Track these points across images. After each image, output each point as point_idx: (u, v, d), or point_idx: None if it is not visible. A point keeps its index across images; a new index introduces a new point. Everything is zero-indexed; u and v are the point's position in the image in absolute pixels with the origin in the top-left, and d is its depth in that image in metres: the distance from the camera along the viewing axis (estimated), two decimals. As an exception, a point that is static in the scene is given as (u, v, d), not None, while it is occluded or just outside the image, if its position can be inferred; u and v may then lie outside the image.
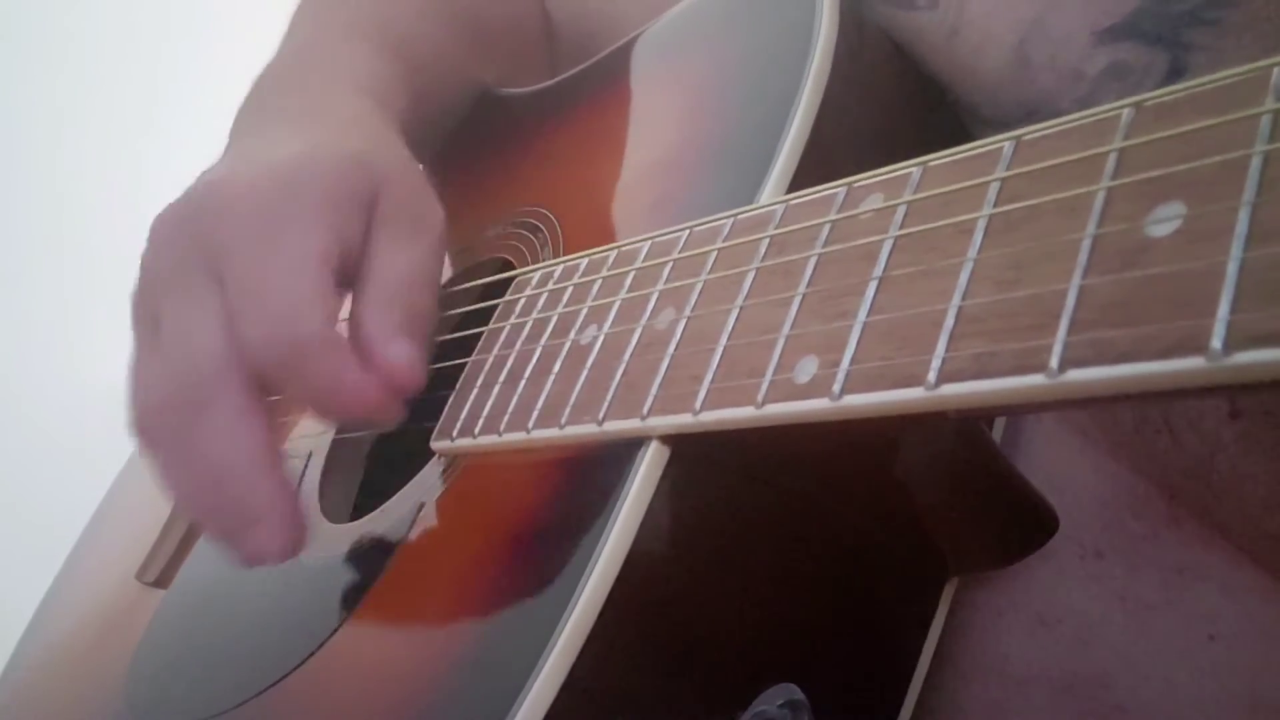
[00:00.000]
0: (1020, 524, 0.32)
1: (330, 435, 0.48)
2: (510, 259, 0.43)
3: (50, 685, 0.54)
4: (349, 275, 0.36)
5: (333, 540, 0.41)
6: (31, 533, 0.84)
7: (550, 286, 0.36)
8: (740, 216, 0.30)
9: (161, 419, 0.34)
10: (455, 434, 0.36)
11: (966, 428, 0.31)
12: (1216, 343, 0.17)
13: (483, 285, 0.43)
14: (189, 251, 0.35)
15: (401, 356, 0.34)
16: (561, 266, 0.37)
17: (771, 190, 0.32)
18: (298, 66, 0.48)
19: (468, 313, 0.45)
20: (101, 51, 1.24)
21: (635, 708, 0.28)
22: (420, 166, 0.40)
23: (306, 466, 0.47)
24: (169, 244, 0.36)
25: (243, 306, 0.33)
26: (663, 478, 0.28)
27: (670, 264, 0.31)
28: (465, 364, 0.38)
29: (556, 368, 0.33)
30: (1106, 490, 0.35)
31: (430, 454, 0.38)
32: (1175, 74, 0.31)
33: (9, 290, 1.15)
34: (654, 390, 0.29)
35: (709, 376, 0.27)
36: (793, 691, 0.28)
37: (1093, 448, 0.36)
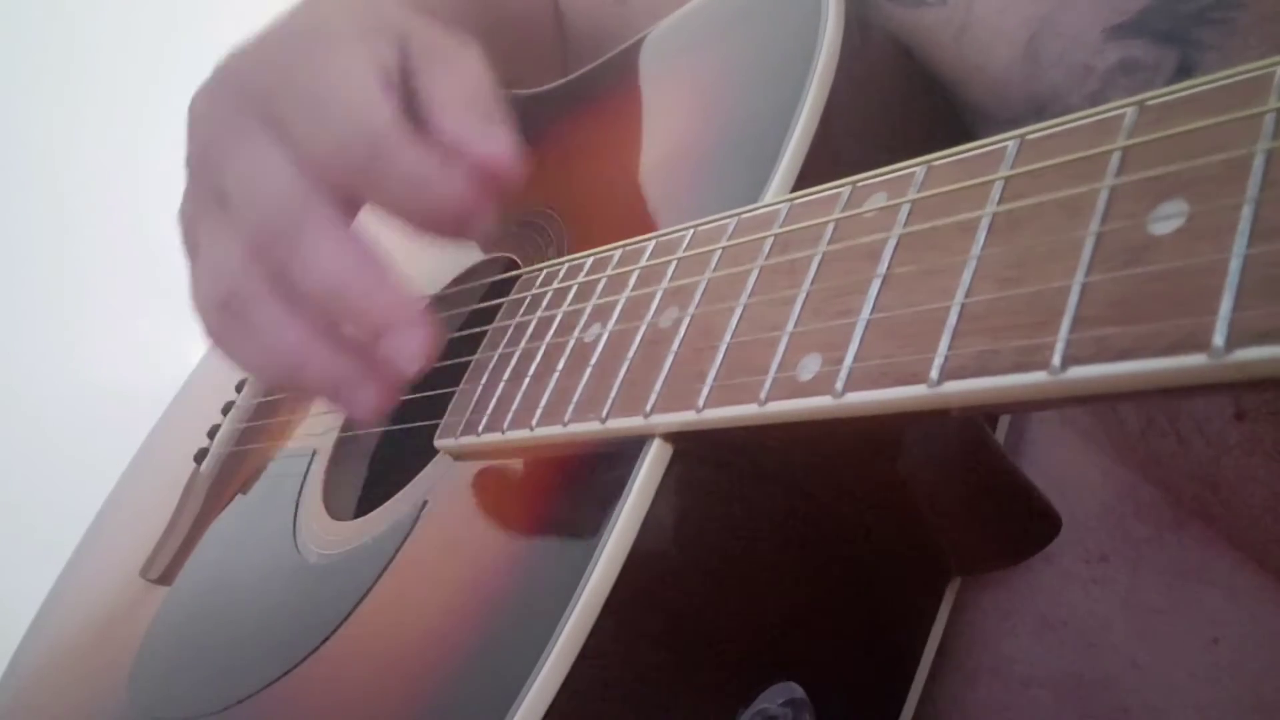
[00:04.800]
0: (1023, 524, 0.32)
1: (335, 434, 0.48)
2: (515, 257, 0.43)
3: (54, 683, 0.54)
4: (403, 107, 0.34)
5: (337, 538, 0.41)
6: (33, 532, 0.84)
7: (555, 285, 0.36)
8: (745, 215, 0.30)
9: (257, 270, 0.33)
10: (459, 432, 0.36)
11: (969, 427, 0.31)
12: (1219, 340, 0.17)
13: (487, 283, 0.43)
14: (235, 107, 0.34)
15: (502, 141, 0.32)
16: (566, 265, 0.37)
17: (776, 189, 0.32)
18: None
19: (472, 311, 0.45)
20: (102, 51, 1.24)
21: (637, 705, 0.28)
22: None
23: (310, 464, 0.48)
24: (211, 114, 0.35)
25: (307, 125, 0.32)
26: (665, 475, 0.28)
27: (674, 262, 0.31)
28: (469, 362, 0.39)
29: (560, 366, 0.33)
30: (1110, 493, 0.35)
31: (434, 452, 0.38)
32: (1184, 72, 0.31)
33: (9, 290, 1.15)
34: (657, 388, 0.29)
35: (712, 374, 0.27)
36: (794, 690, 0.28)
37: (1097, 450, 0.36)
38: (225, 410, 0.59)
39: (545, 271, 0.38)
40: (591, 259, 0.35)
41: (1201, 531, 0.34)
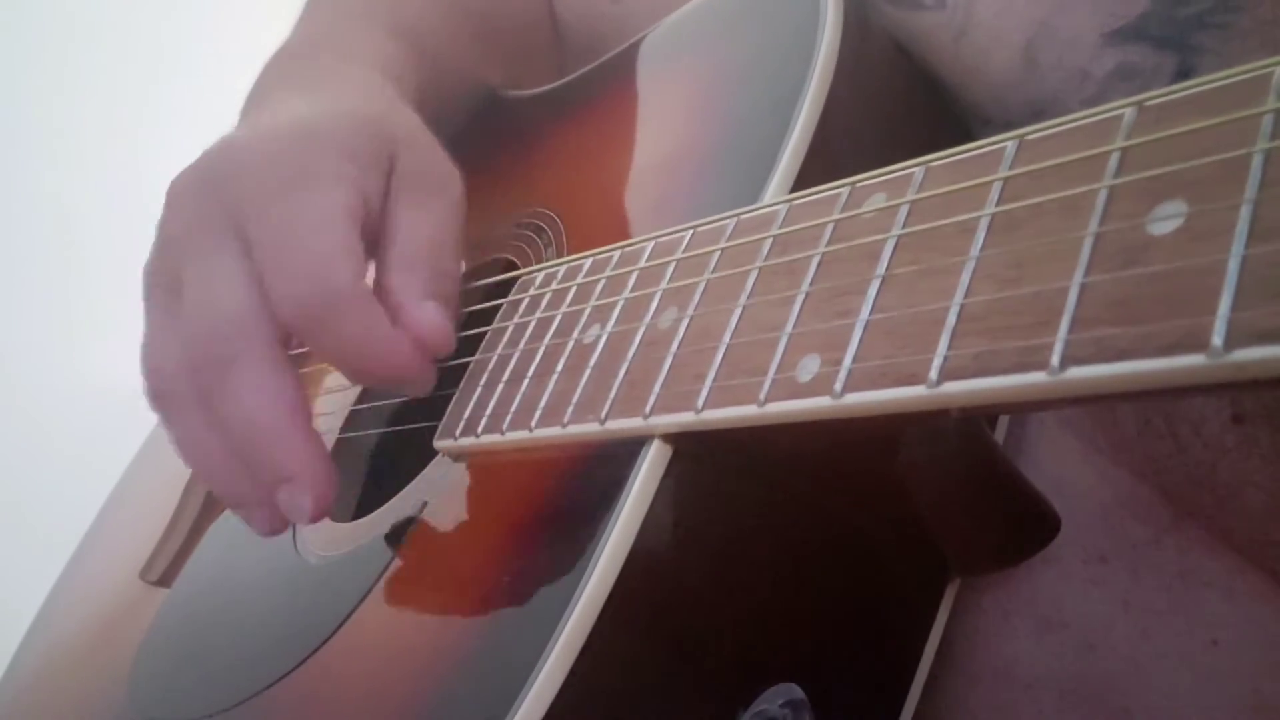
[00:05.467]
0: (1022, 524, 0.32)
1: (334, 435, 0.48)
2: (514, 259, 0.43)
3: (54, 684, 0.54)
4: (371, 239, 0.35)
5: (336, 539, 0.41)
6: (33, 532, 0.84)
7: (554, 286, 0.36)
8: (744, 216, 0.30)
9: (185, 378, 0.34)
10: (458, 433, 0.36)
11: (968, 427, 0.31)
12: (1217, 340, 0.17)
13: (487, 285, 0.43)
14: (210, 211, 0.35)
15: (432, 317, 0.34)
16: (565, 266, 0.37)
17: (775, 190, 0.32)
18: (310, 46, 0.48)
19: (472, 312, 0.45)
20: (102, 51, 1.24)
21: (636, 706, 0.28)
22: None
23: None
24: (189, 205, 0.35)
25: (272, 261, 0.33)
26: (665, 476, 0.28)
27: (673, 264, 0.31)
28: (469, 363, 0.39)
29: (560, 367, 0.33)
30: (1109, 495, 0.35)
31: (433, 453, 0.38)
32: (1183, 76, 0.32)
33: (9, 290, 1.15)
34: (656, 389, 0.29)
35: (711, 375, 0.27)
36: (794, 691, 0.28)
37: (1096, 452, 0.36)
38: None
39: (544, 273, 0.38)
40: (590, 260, 0.35)
41: (1199, 533, 0.34)
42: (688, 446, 0.29)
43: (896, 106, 0.38)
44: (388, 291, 0.34)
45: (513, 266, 0.43)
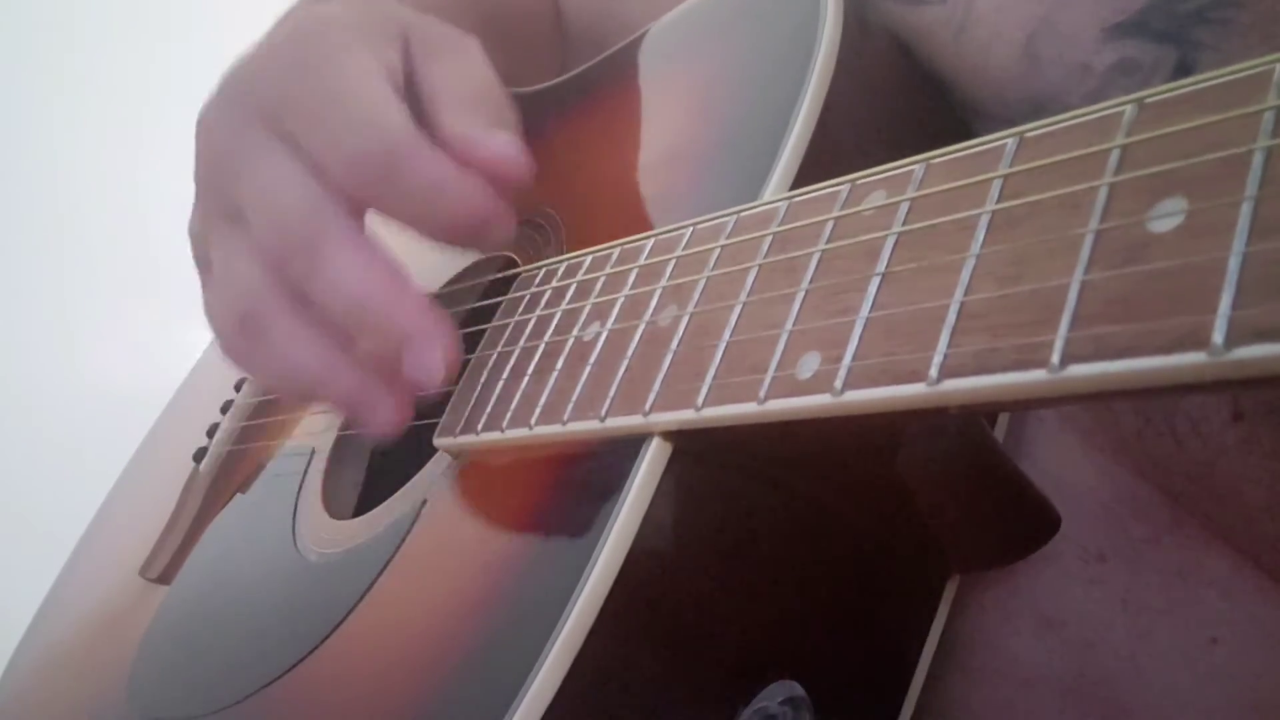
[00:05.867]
0: (1022, 522, 0.32)
1: (334, 432, 0.48)
2: (514, 256, 0.43)
3: (53, 682, 0.54)
4: (410, 105, 0.34)
5: (336, 536, 0.41)
6: (33, 531, 0.84)
7: (554, 283, 0.36)
8: (743, 214, 0.30)
9: (275, 287, 0.33)
10: (458, 431, 0.36)
11: (968, 425, 0.31)
12: (1218, 338, 0.17)
13: (486, 282, 0.43)
14: (244, 121, 0.34)
15: (505, 142, 0.33)
16: (565, 264, 0.37)
17: (775, 187, 0.32)
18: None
19: (471, 310, 0.45)
20: (102, 51, 1.24)
21: (636, 703, 0.28)
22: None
23: (310, 463, 0.47)
24: (221, 126, 0.35)
25: (322, 136, 0.32)
26: (665, 474, 0.28)
27: (673, 261, 0.31)
28: (468, 360, 0.39)
29: (559, 364, 0.33)
30: (1109, 493, 0.35)
31: (433, 451, 0.38)
32: (1183, 71, 0.31)
33: (9, 290, 1.15)
34: (656, 386, 0.29)
35: (711, 373, 0.27)
36: (794, 688, 0.28)
37: (1095, 450, 0.36)
38: (224, 409, 0.59)
39: (544, 270, 0.38)
40: (590, 257, 0.35)
41: (1199, 531, 0.34)
42: (688, 444, 0.29)
43: (896, 103, 0.38)
44: (451, 138, 0.33)
45: (512, 264, 0.43)
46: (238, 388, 0.59)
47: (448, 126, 0.33)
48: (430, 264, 0.49)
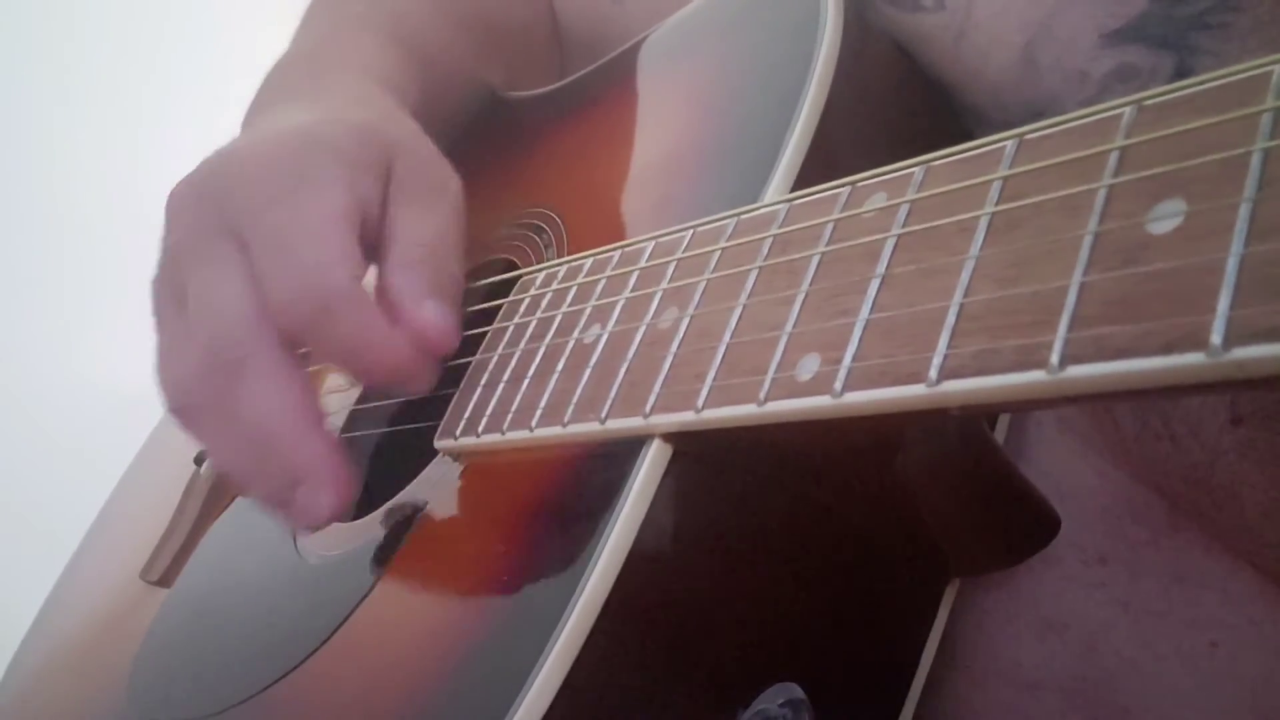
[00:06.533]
0: (1022, 524, 0.32)
1: (335, 435, 0.48)
2: (515, 259, 0.43)
3: (54, 684, 0.54)
4: (370, 243, 0.35)
5: (336, 538, 0.41)
6: (33, 532, 0.84)
7: (554, 286, 0.37)
8: (744, 216, 0.30)
9: (199, 388, 0.34)
10: (459, 433, 0.36)
11: (968, 427, 0.31)
12: (1216, 338, 0.17)
13: (487, 285, 0.43)
14: (208, 218, 0.35)
15: (431, 315, 0.34)
16: (565, 266, 0.37)
17: (775, 190, 0.32)
18: (309, 57, 0.48)
19: (472, 312, 0.45)
20: (102, 51, 1.24)
21: (636, 706, 0.28)
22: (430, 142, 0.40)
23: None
24: (188, 214, 0.36)
25: (270, 265, 0.33)
26: (665, 476, 0.28)
27: (674, 263, 0.31)
28: (469, 363, 0.39)
29: (560, 366, 0.33)
30: (1108, 496, 0.35)
31: (434, 452, 0.38)
32: (1181, 76, 0.31)
33: (9, 290, 1.15)
34: (657, 388, 0.29)
35: (711, 374, 0.27)
36: (793, 690, 0.28)
37: (1094, 453, 0.36)
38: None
39: (544, 273, 0.38)
40: (591, 260, 0.35)
41: (1197, 535, 0.34)
42: (688, 446, 0.29)
43: (896, 106, 0.38)
44: (389, 292, 0.35)
45: (513, 267, 0.43)
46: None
47: (391, 282, 0.35)
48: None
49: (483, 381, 0.37)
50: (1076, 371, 0.20)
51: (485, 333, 0.39)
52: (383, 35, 0.49)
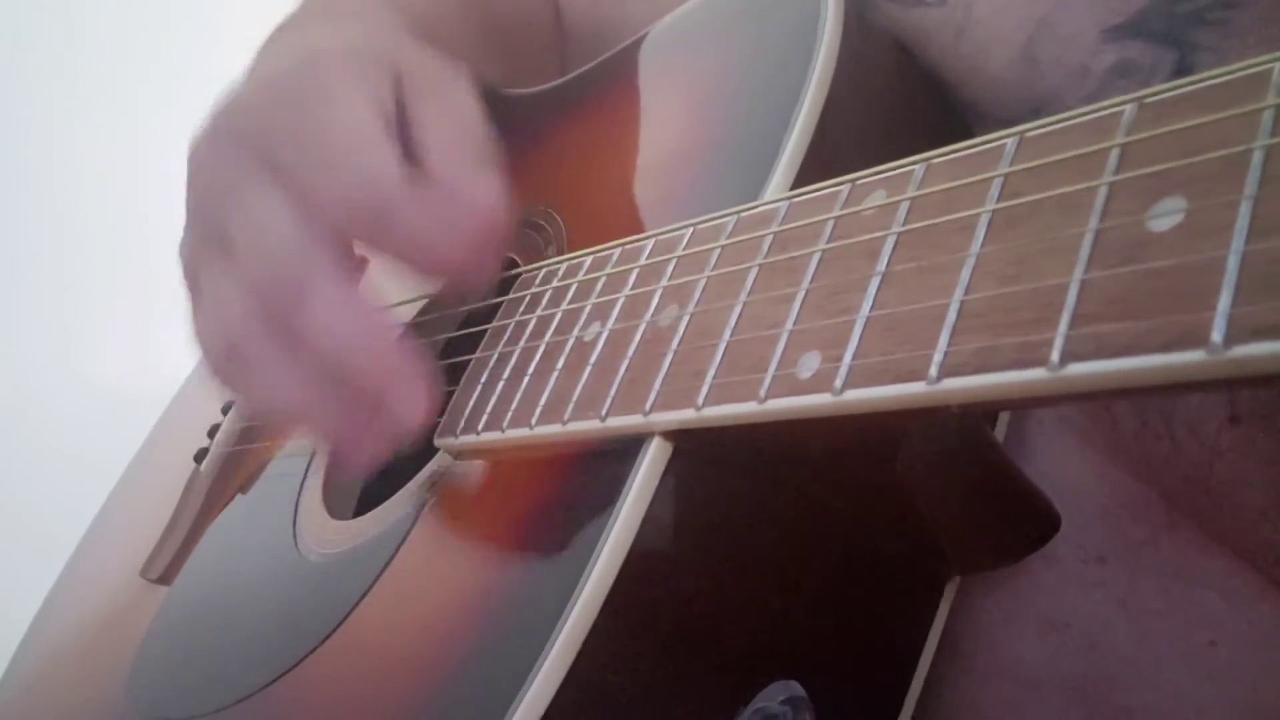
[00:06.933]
0: (1022, 523, 0.32)
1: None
2: (515, 257, 0.43)
3: (54, 683, 0.54)
4: (399, 144, 0.34)
5: (337, 537, 0.41)
6: (33, 532, 0.84)
7: (554, 284, 0.37)
8: (744, 214, 0.30)
9: (254, 327, 0.33)
10: (459, 431, 0.36)
11: (968, 424, 0.31)
12: (1217, 336, 0.17)
13: (487, 283, 0.43)
14: (235, 154, 0.34)
15: (491, 183, 0.33)
16: (565, 264, 0.37)
17: (775, 187, 0.32)
18: (309, 14, 0.48)
19: (472, 310, 0.45)
20: (102, 51, 1.24)
21: (636, 703, 0.28)
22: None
23: (310, 464, 0.48)
24: (212, 157, 0.35)
25: (318, 180, 0.32)
26: (665, 473, 0.28)
27: (674, 261, 0.31)
28: (469, 361, 0.39)
29: (560, 364, 0.33)
30: (1107, 495, 0.35)
31: (434, 451, 0.38)
32: (1182, 73, 0.31)
33: (9, 290, 1.15)
34: (657, 386, 0.29)
35: (712, 372, 0.27)
36: (794, 688, 0.28)
37: (1094, 452, 0.36)
38: (225, 409, 0.59)
39: (544, 270, 0.38)
40: (591, 258, 0.35)
41: (1196, 534, 0.34)
42: (688, 444, 0.29)
43: (897, 104, 0.38)
44: (437, 175, 0.33)
45: (513, 264, 0.43)
46: (238, 388, 0.59)
47: (438, 170, 0.34)
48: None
49: (483, 379, 0.37)
50: (1077, 369, 0.20)
51: (485, 330, 0.39)
52: (391, 9, 0.49)
